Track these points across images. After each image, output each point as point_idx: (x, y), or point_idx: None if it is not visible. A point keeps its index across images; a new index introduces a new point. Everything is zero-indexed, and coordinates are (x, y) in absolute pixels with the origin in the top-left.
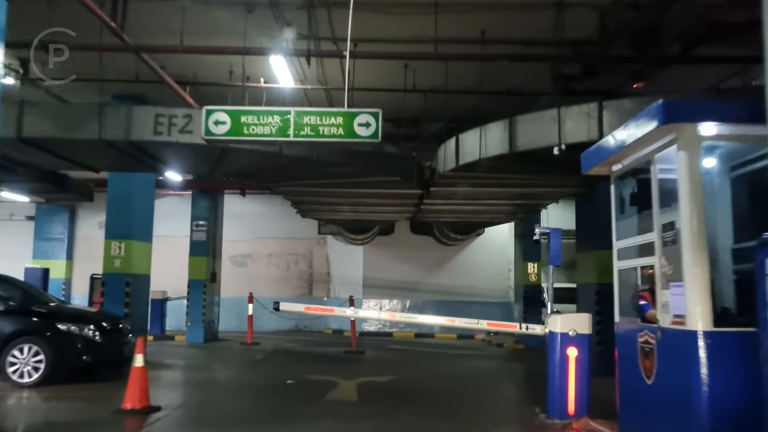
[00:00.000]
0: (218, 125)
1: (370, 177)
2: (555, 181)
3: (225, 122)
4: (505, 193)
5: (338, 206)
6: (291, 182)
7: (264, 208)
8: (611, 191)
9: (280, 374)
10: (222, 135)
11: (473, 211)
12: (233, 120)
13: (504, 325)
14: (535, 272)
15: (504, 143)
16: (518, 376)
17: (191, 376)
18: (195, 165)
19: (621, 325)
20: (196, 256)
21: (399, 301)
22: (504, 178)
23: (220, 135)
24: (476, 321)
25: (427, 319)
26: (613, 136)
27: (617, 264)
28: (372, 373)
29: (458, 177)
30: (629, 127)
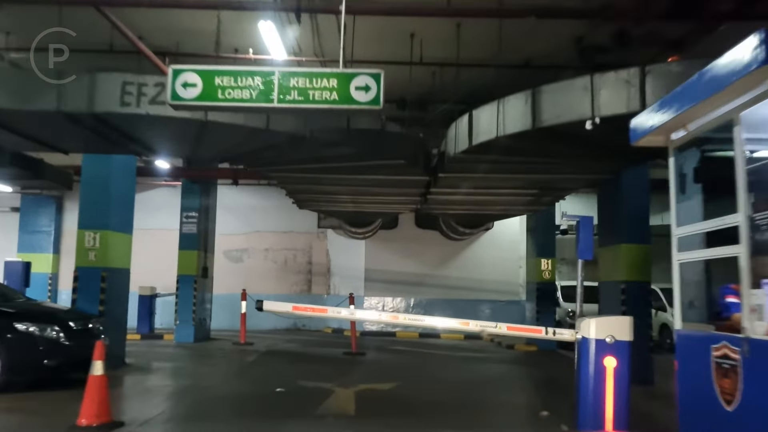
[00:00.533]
0: (187, 88)
1: (371, 160)
2: (581, 166)
3: (195, 84)
4: (523, 181)
5: (338, 196)
6: (284, 166)
7: (261, 200)
8: (670, 166)
9: (271, 380)
10: (192, 100)
11: (485, 201)
12: (205, 82)
13: (527, 330)
14: (549, 269)
15: (525, 118)
16: (535, 383)
17: (170, 382)
18: (172, 144)
19: (685, 333)
20: (186, 249)
21: (402, 299)
22: (522, 163)
23: (190, 100)
24: (494, 324)
25: (437, 322)
26: (676, 95)
27: (678, 256)
28: (372, 378)
29: (471, 160)
30: (705, 76)
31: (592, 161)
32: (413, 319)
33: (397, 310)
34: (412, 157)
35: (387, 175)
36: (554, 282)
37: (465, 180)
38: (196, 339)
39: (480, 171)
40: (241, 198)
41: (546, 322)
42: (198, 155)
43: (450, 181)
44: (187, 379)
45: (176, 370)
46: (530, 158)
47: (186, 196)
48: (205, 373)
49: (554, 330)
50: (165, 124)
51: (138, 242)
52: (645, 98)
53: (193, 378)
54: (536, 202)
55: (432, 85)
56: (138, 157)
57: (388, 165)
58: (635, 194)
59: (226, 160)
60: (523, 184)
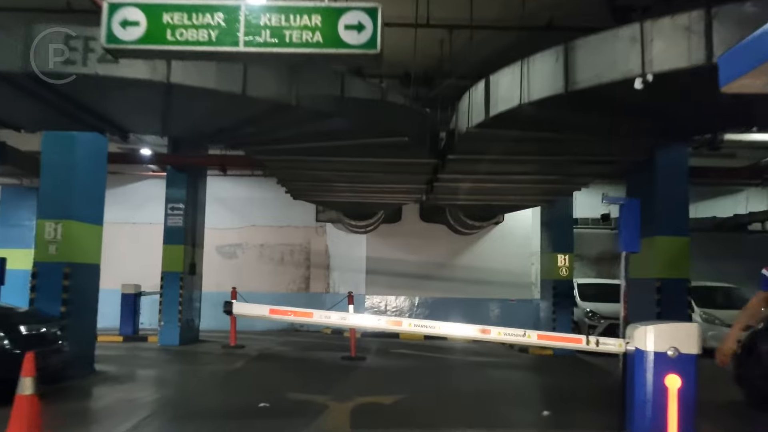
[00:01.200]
0: (128, 28)
1: (370, 137)
2: (615, 144)
3: (138, 23)
4: (543, 165)
5: (334, 184)
6: (270, 146)
7: (256, 193)
8: None
9: (256, 391)
10: (133, 43)
11: (498, 190)
12: (151, 19)
13: (562, 339)
14: (567, 265)
15: (556, 80)
16: (559, 395)
17: (139, 395)
18: (138, 116)
19: None
20: (171, 244)
21: (406, 298)
22: (545, 141)
23: (131, 43)
24: (521, 332)
25: (449, 329)
26: None
27: None
28: (373, 389)
29: (486, 138)
30: None
31: (630, 137)
32: (420, 326)
33: (400, 309)
34: (417, 135)
35: (388, 157)
36: (572, 279)
37: (477, 163)
38: (182, 341)
39: (495, 151)
40: (235, 190)
41: (563, 324)
42: (172, 131)
43: (460, 165)
44: (158, 390)
45: (151, 379)
46: (556, 134)
47: (171, 186)
48: (182, 383)
49: (597, 339)
50: (121, 88)
51: (123, 237)
52: (712, 48)
53: (166, 389)
54: (554, 191)
55: (440, 55)
56: (110, 139)
57: (390, 144)
58: (673, 179)
59: (206, 138)
60: (543, 169)
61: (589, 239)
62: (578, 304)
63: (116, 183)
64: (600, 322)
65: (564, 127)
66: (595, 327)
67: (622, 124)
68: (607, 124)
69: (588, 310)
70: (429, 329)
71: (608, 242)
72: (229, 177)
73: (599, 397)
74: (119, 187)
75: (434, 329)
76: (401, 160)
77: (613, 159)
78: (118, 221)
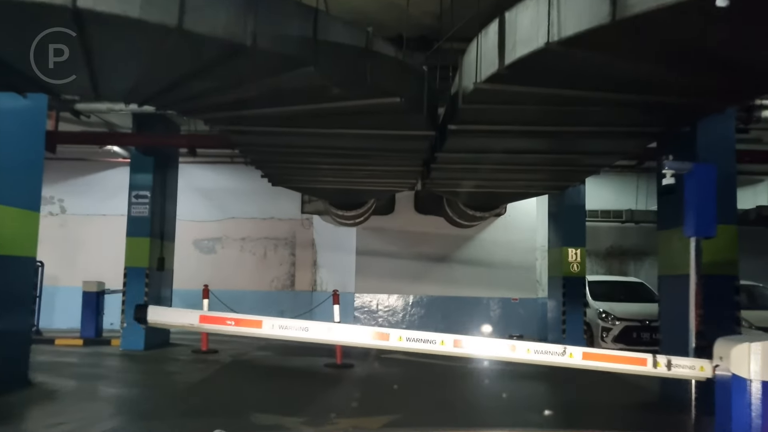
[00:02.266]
0: None
1: (354, 98)
2: (661, 109)
3: None
4: (561, 140)
5: (317, 166)
6: (232, 111)
7: (237, 183)
8: None
9: (216, 411)
10: None
11: (506, 173)
12: None
13: (617, 359)
14: (578, 260)
15: (598, 6)
16: (593, 414)
17: (70, 417)
18: (56, 67)
19: None
20: (135, 236)
21: (400, 297)
22: (572, 101)
23: None
24: (560, 349)
25: (462, 346)
26: None
27: None
28: (360, 407)
29: (497, 98)
30: None
31: (684, 96)
32: (417, 340)
33: (393, 309)
34: (412, 97)
35: (379, 128)
36: (584, 276)
37: (483, 137)
38: (148, 345)
39: (506, 120)
40: (214, 180)
41: (574, 326)
42: (103, 88)
43: (462, 139)
44: (97, 410)
45: (95, 393)
46: (587, 91)
47: (136, 171)
48: (131, 400)
49: (668, 361)
50: (18, 17)
51: (93, 230)
52: None
53: (107, 407)
54: (568, 175)
55: (438, 12)
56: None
57: (380, 109)
58: (718, 156)
59: (153, 101)
60: (560, 144)
61: (598, 233)
62: (590, 303)
63: (83, 171)
64: (615, 324)
65: (599, 80)
66: (610, 330)
67: (680, 76)
68: (658, 75)
69: (601, 311)
70: (430, 345)
71: (618, 236)
72: (208, 165)
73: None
74: (87, 176)
75: (437, 345)
76: (394, 132)
77: (649, 130)
78: (87, 213)
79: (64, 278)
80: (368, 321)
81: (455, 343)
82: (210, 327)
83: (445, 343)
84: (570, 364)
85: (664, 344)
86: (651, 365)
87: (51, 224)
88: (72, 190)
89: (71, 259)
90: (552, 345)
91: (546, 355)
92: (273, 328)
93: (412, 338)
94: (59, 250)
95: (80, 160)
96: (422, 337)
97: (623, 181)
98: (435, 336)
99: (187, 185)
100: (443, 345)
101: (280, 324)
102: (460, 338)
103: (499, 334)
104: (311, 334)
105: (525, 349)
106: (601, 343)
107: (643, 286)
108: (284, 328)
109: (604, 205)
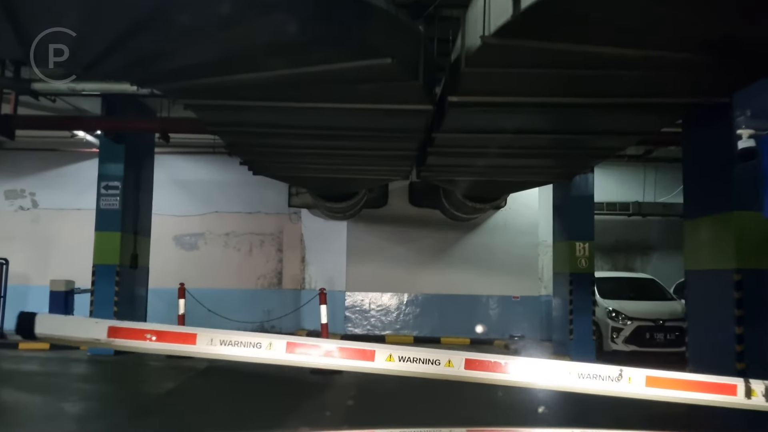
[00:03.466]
0: None
1: (338, 60)
2: (703, 73)
3: None
4: (576, 116)
5: (299, 152)
6: (194, 79)
7: (220, 175)
8: None
9: None
10: None
11: (510, 156)
12: None
13: (693, 386)
14: (586, 255)
15: None
16: None
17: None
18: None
19: None
20: (104, 230)
21: (394, 295)
22: (608, 60)
23: None
24: (613, 371)
25: (479, 368)
26: None
27: None
28: (345, 425)
29: (507, 60)
30: None
31: (733, 58)
32: (413, 360)
33: (386, 308)
34: (406, 58)
35: (369, 102)
36: (592, 272)
37: (488, 112)
38: (118, 350)
39: (516, 89)
40: (196, 171)
41: (582, 326)
42: (35, 57)
43: (464, 115)
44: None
45: (42, 409)
46: (615, 47)
47: (105, 161)
48: (81, 418)
49: (766, 388)
50: None
51: (67, 226)
52: None
53: (49, 429)
54: (576, 161)
55: None
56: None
57: (367, 73)
58: None
59: (93, 67)
60: (574, 124)
61: (602, 227)
62: (598, 302)
63: (56, 162)
64: (626, 324)
65: (635, 34)
66: (621, 330)
67: (747, 23)
68: (707, 22)
69: (611, 309)
70: (432, 368)
71: (624, 230)
72: (189, 155)
73: None
74: (60, 168)
75: (442, 367)
76: (385, 106)
77: (681, 101)
78: (61, 207)
79: (36, 277)
80: (360, 321)
81: (467, 364)
82: (123, 343)
83: (454, 364)
84: (629, 393)
85: (692, 349)
86: (743, 394)
87: (22, 219)
88: (44, 183)
89: (44, 257)
90: (601, 367)
91: (594, 380)
92: (211, 344)
93: (406, 357)
94: (31, 247)
95: (52, 150)
96: (421, 355)
97: (630, 172)
98: (438, 354)
99: (166, 177)
100: (450, 367)
101: (222, 338)
102: (475, 358)
103: (499, 334)
104: (265, 353)
105: (566, 371)
106: (611, 345)
107: (654, 283)
108: (228, 345)
109: (609, 197)
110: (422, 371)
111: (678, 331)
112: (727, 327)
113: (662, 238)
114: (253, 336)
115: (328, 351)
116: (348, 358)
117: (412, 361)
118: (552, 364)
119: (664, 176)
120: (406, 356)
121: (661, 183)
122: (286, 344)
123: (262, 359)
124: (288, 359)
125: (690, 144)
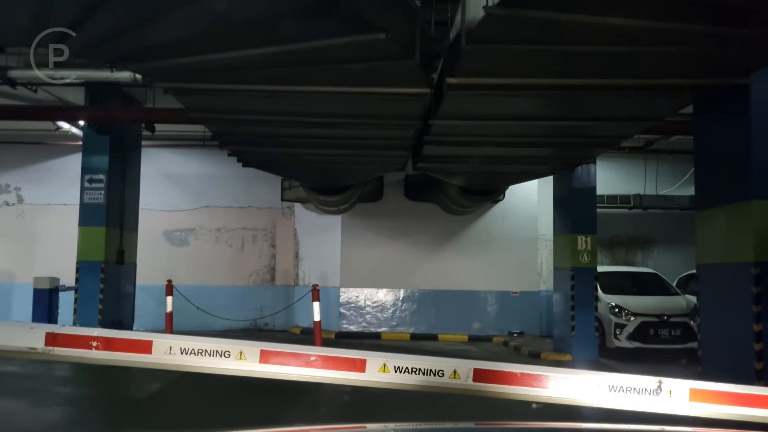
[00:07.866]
0: None
1: (327, 36)
2: (725, 48)
3: None
4: (590, 98)
5: (288, 141)
6: (168, 58)
7: (211, 169)
8: None
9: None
10: None
11: (511, 146)
12: None
13: (747, 399)
14: (589, 249)
15: None
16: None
17: None
18: None
19: None
20: (89, 225)
21: (389, 291)
22: (624, 33)
23: None
24: (651, 383)
25: (492, 380)
26: None
27: None
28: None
29: (514, 30)
30: None
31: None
32: (412, 370)
33: (382, 305)
34: (401, 35)
35: (357, 84)
36: (594, 267)
37: (488, 96)
38: None
39: (520, 69)
40: (187, 165)
41: (584, 322)
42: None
43: (463, 99)
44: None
45: (12, 415)
46: (637, 18)
47: (89, 153)
48: (54, 426)
49: None
50: None
51: (53, 221)
52: None
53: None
54: (579, 151)
55: None
56: None
57: (358, 50)
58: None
59: (76, 44)
60: (579, 110)
61: (603, 220)
62: (600, 297)
63: (42, 156)
64: (630, 320)
65: (652, 6)
66: (624, 326)
67: None
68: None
69: (613, 305)
70: (435, 379)
71: (625, 223)
72: (178, 149)
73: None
74: (46, 162)
75: (446, 379)
76: (378, 89)
77: (696, 83)
78: (47, 202)
79: (22, 274)
80: (355, 318)
81: (476, 375)
82: (64, 352)
83: (460, 375)
84: (670, 412)
85: (704, 347)
86: None
87: (7, 215)
88: (30, 178)
89: (29, 253)
90: (643, 379)
91: (629, 395)
92: (170, 352)
93: (404, 368)
94: (16, 244)
95: (37, 143)
96: (421, 365)
97: (630, 164)
98: (442, 363)
99: (155, 171)
100: (456, 379)
101: (183, 346)
102: (485, 368)
103: (498, 330)
104: (235, 364)
105: (594, 384)
106: (614, 341)
107: (657, 278)
108: (190, 354)
109: (609, 189)
110: (422, 383)
111: (683, 327)
112: (744, 324)
113: (664, 232)
114: (220, 343)
115: (309, 361)
116: (333, 368)
117: (411, 372)
118: (579, 376)
119: (666, 168)
120: (404, 366)
121: (663, 175)
122: (260, 352)
123: (230, 371)
124: (262, 371)
125: (702, 129)
